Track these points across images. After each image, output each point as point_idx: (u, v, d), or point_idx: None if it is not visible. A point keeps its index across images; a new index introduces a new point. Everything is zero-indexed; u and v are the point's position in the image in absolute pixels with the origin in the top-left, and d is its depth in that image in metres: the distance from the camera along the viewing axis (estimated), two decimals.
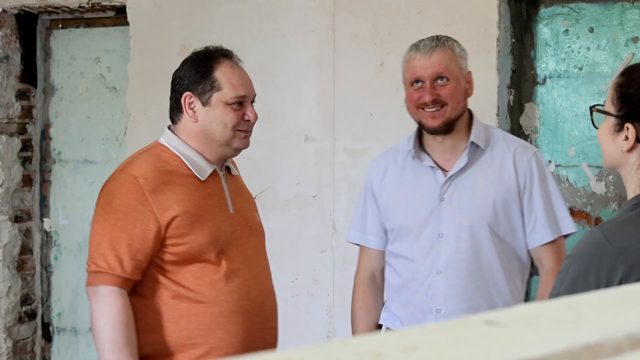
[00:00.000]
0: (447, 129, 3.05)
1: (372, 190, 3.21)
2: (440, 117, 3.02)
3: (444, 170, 3.09)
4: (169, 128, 2.92)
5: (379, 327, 3.27)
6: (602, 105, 2.22)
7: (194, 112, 2.83)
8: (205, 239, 2.77)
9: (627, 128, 2.13)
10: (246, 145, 2.89)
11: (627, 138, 2.14)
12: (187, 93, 2.82)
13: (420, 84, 3.03)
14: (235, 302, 2.79)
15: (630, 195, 2.17)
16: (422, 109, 3.02)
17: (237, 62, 2.90)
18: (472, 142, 3.06)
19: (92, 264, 2.73)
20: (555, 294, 2.11)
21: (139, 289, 2.77)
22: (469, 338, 0.75)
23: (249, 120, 2.86)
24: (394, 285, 3.17)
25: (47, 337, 5.32)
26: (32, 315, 5.27)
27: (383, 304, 3.27)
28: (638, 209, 2.12)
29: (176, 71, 2.90)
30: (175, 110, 2.88)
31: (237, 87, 2.84)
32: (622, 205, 2.24)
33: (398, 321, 3.16)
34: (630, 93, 2.14)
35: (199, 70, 2.83)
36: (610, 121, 2.17)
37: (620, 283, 2.03)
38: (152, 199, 2.72)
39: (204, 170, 2.85)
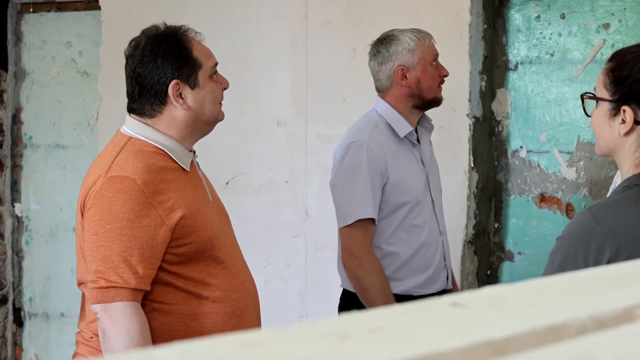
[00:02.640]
0: None
1: (379, 170, 3.30)
2: None
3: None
4: (132, 118, 2.67)
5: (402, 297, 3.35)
6: (593, 93, 2.22)
7: (184, 99, 2.62)
8: (207, 233, 2.60)
9: (624, 111, 2.14)
10: (223, 116, 2.75)
11: (623, 121, 2.15)
12: (174, 82, 2.60)
13: (435, 62, 3.40)
14: (242, 300, 2.66)
15: (625, 177, 2.19)
16: (439, 85, 3.39)
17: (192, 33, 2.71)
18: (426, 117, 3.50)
19: (101, 279, 2.47)
20: (545, 275, 2.14)
21: (146, 292, 2.55)
22: (435, 320, 0.75)
23: (224, 87, 2.73)
24: (407, 255, 3.35)
25: (19, 322, 5.30)
26: (3, 301, 5.25)
27: None
28: (629, 190, 2.14)
29: (144, 64, 2.63)
30: (155, 104, 2.63)
31: (209, 56, 2.68)
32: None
33: (420, 287, 3.37)
34: (624, 76, 2.14)
35: (179, 55, 2.61)
36: (605, 106, 2.18)
37: (608, 264, 2.04)
38: (154, 201, 2.50)
39: (187, 159, 2.66)
